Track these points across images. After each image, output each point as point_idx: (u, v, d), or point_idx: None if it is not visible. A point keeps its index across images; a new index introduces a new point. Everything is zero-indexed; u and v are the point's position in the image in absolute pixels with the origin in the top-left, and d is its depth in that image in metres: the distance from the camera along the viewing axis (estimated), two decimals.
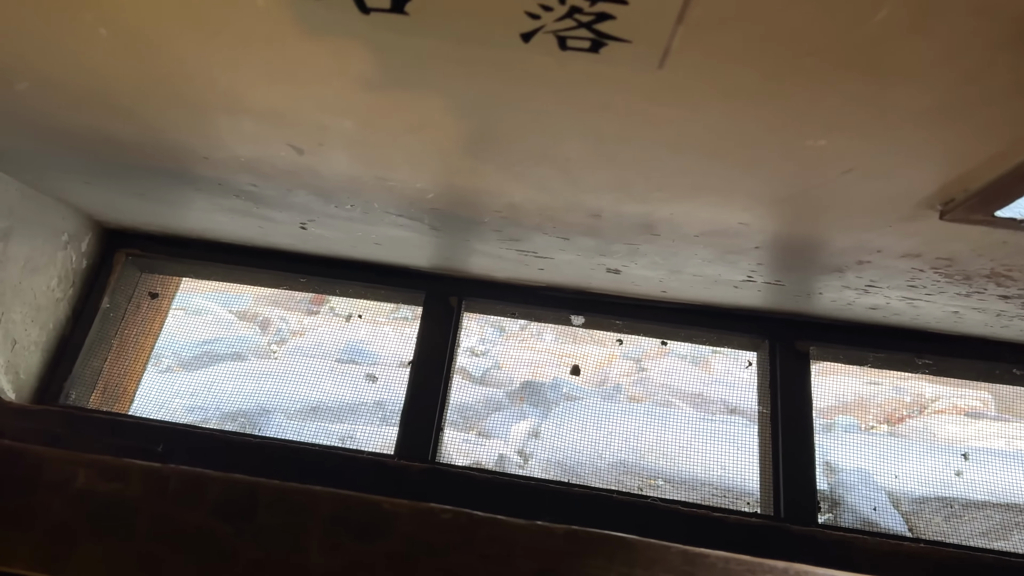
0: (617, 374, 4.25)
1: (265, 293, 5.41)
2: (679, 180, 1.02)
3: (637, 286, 1.77)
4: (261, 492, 0.83)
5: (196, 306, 4.68)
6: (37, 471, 0.84)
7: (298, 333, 4.59)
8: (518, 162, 1.04)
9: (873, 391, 4.39)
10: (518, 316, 2.07)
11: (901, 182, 0.94)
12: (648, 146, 0.93)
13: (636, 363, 4.51)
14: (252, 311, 4.94)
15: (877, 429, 4.12)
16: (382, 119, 0.97)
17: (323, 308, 5.63)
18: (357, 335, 4.41)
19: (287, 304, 5.29)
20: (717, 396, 3.79)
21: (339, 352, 4.07)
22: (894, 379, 4.69)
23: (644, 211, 1.17)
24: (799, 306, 1.78)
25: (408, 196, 1.27)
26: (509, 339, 5.01)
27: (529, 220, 1.32)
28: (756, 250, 1.31)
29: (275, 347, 4.34)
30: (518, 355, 4.58)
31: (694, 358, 4.74)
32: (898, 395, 4.37)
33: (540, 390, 3.69)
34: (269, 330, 4.59)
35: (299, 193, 1.37)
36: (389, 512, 0.83)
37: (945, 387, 4.50)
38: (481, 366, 4.18)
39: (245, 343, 4.14)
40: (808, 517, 1.75)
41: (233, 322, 4.60)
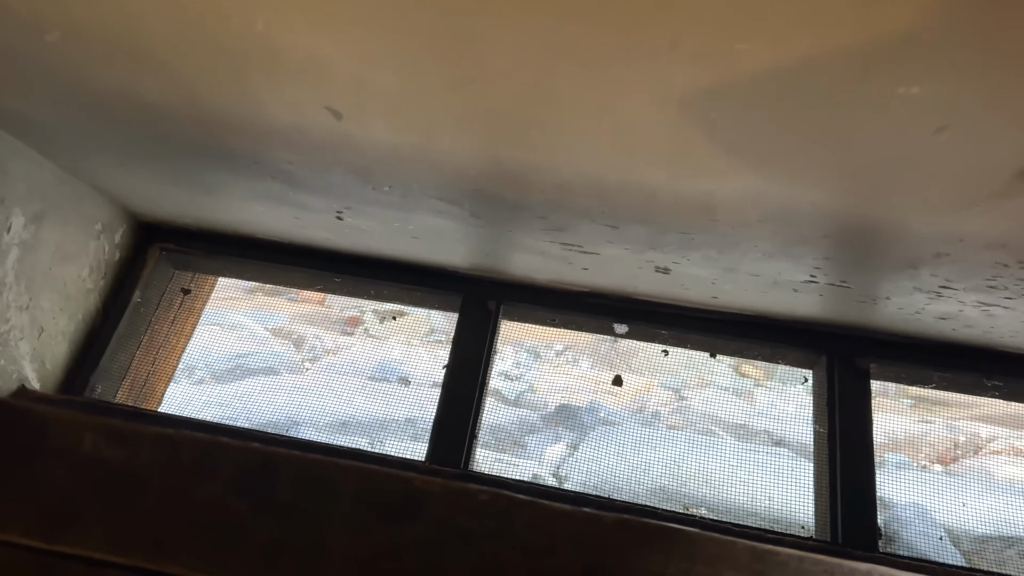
0: (655, 403, 4.12)
1: (300, 311, 5.39)
2: (749, 144, 0.93)
3: (687, 289, 1.67)
4: (281, 465, 0.75)
5: (231, 322, 4.66)
6: (41, 434, 0.77)
7: (331, 352, 4.54)
8: (571, 123, 0.96)
9: (925, 429, 4.19)
10: (558, 324, 1.98)
11: (1000, 147, 0.84)
12: (718, 97, 0.85)
13: (675, 392, 4.37)
14: (287, 329, 4.92)
15: (930, 467, 3.92)
16: (426, 73, 0.91)
17: (357, 330, 5.60)
18: (390, 355, 4.35)
19: (322, 323, 5.26)
20: (761, 427, 3.64)
21: (372, 370, 4.01)
22: (947, 418, 4.48)
23: (705, 188, 1.09)
24: (860, 317, 1.67)
25: (449, 173, 1.20)
26: (544, 364, 4.90)
27: (578, 203, 1.24)
28: (824, 240, 1.21)
29: (308, 364, 4.29)
30: (553, 379, 4.47)
31: (736, 390, 4.58)
32: (951, 434, 4.17)
33: (576, 414, 3.57)
34: (303, 347, 4.56)
35: (336, 172, 1.30)
36: (421, 491, 0.74)
37: (1002, 427, 4.28)
38: (515, 389, 4.08)
39: (279, 359, 4.10)
40: (867, 544, 1.62)
41: (268, 338, 4.58)
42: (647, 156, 1.02)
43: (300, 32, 0.88)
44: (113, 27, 0.95)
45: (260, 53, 0.94)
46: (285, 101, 1.06)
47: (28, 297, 1.62)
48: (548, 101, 0.92)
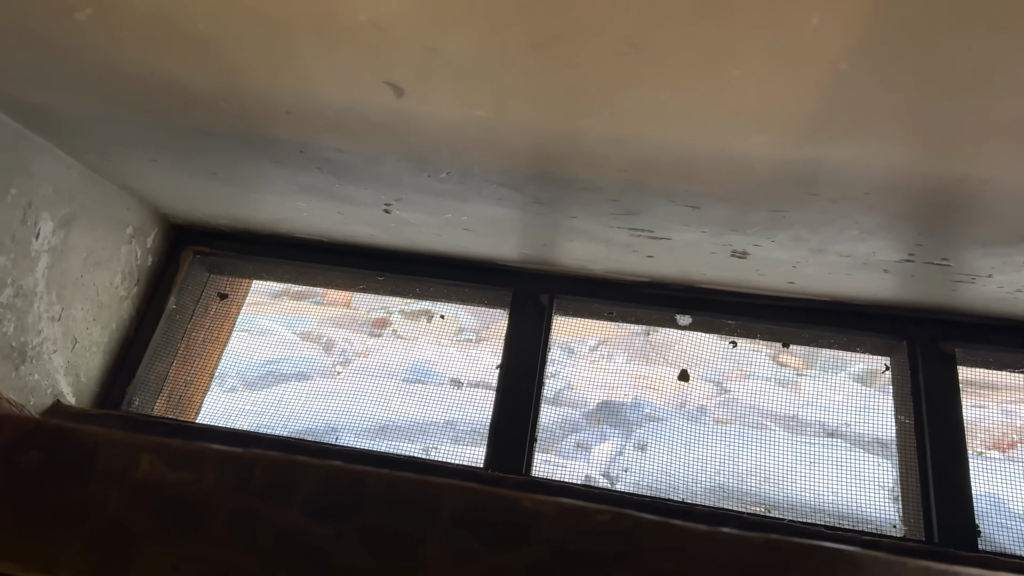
0: (699, 396, 3.99)
1: (327, 314, 5.31)
2: (878, 100, 0.81)
3: (762, 276, 1.55)
4: (368, 485, 0.65)
5: (260, 327, 4.58)
6: (90, 457, 0.67)
7: (362, 354, 4.46)
8: (670, 83, 0.85)
9: (979, 414, 4.03)
10: (615, 317, 1.87)
11: None
12: (855, 43, 0.73)
13: (717, 385, 4.24)
14: (316, 332, 4.83)
15: (987, 454, 3.76)
16: (506, 32, 0.79)
17: (386, 331, 5.51)
18: (422, 355, 4.25)
19: (350, 326, 5.18)
20: (813, 418, 3.50)
21: (405, 372, 3.91)
22: (1000, 402, 4.32)
23: (812, 156, 0.97)
24: (948, 299, 1.54)
25: (517, 153, 1.09)
26: (578, 360, 4.79)
27: (658, 181, 1.12)
28: (934, 212, 1.08)
29: (340, 368, 4.21)
30: (590, 376, 4.36)
31: (779, 379, 4.44)
32: (1008, 419, 4.00)
33: (620, 411, 3.45)
34: (333, 351, 4.47)
35: (390, 159, 1.19)
36: (530, 512, 0.63)
37: None
38: (553, 387, 3.96)
39: (310, 363, 4.01)
40: (967, 543, 1.49)
41: (297, 343, 4.49)
42: (751, 120, 0.90)
43: None
44: (153, 1, 0.84)
45: (311, 20, 0.83)
46: (339, 77, 0.95)
47: (60, 307, 1.53)
48: (646, 57, 0.80)
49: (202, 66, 0.98)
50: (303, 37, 0.88)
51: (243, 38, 0.90)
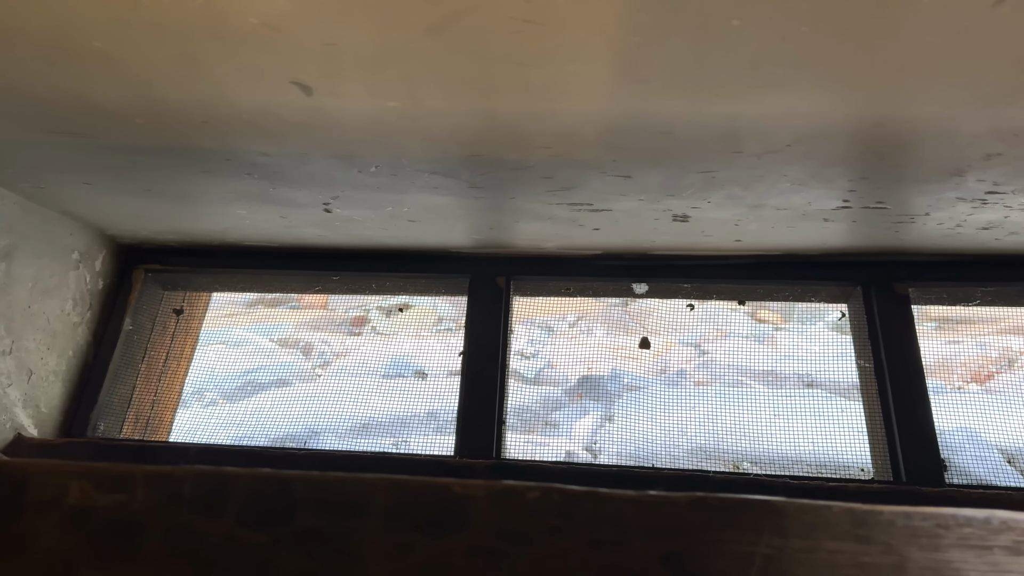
0: (678, 360, 4.01)
1: (304, 318, 5.29)
2: (778, 51, 0.82)
3: (708, 236, 1.56)
4: (298, 489, 0.65)
5: (236, 338, 4.56)
6: (21, 489, 0.67)
7: (341, 354, 4.44)
8: (572, 53, 0.84)
9: (955, 350, 4.09)
10: (573, 292, 1.87)
11: None
12: (742, 2, 0.73)
13: (696, 348, 4.27)
14: (293, 337, 4.81)
15: (966, 388, 3.82)
16: (402, 15, 0.79)
17: (365, 329, 5.50)
18: (401, 349, 4.24)
19: (328, 328, 5.16)
20: (790, 371, 3.53)
21: (384, 368, 3.90)
22: (975, 335, 4.38)
23: (728, 113, 0.97)
24: (895, 240, 1.56)
25: (440, 139, 1.08)
26: (558, 338, 4.80)
27: (585, 153, 1.12)
28: (861, 157, 1.09)
29: (319, 370, 4.19)
30: (570, 352, 4.37)
31: (757, 336, 4.48)
32: (982, 351, 4.06)
33: (599, 383, 3.47)
34: (312, 354, 4.45)
35: (316, 158, 1.19)
36: (462, 496, 0.64)
37: None
38: (533, 367, 3.98)
39: (288, 369, 4.00)
40: (935, 478, 1.52)
41: (275, 350, 4.47)
42: (661, 84, 0.90)
43: None
44: (43, 21, 0.83)
45: (206, 25, 0.82)
46: (245, 81, 0.94)
47: (10, 340, 1.51)
48: (545, 31, 0.80)
49: (109, 83, 0.97)
50: (201, 44, 0.86)
51: (143, 51, 0.88)
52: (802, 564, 0.63)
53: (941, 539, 0.64)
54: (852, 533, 0.64)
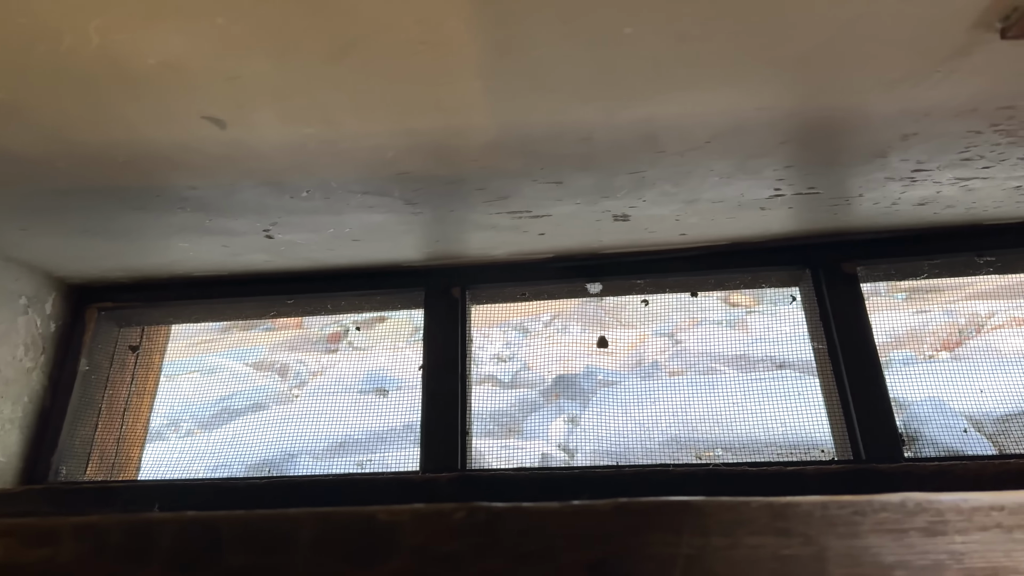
0: (652, 352, 4.04)
1: (279, 339, 5.26)
2: (677, 54, 0.83)
3: (652, 233, 1.57)
4: (223, 529, 0.65)
5: (209, 365, 4.53)
6: None
7: (317, 373, 4.42)
8: (479, 70, 0.85)
9: (924, 320, 4.14)
10: (529, 297, 1.88)
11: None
12: (631, 8, 0.74)
13: (670, 338, 4.30)
14: (269, 360, 4.79)
15: (936, 357, 3.87)
16: (299, 46, 0.79)
17: (341, 345, 5.48)
18: (377, 362, 4.23)
19: (304, 347, 5.14)
20: (762, 354, 3.56)
21: (361, 384, 3.89)
22: (943, 303, 4.44)
23: (643, 116, 0.98)
24: (837, 222, 1.57)
25: (365, 160, 1.09)
26: (534, 338, 4.81)
27: (512, 163, 1.13)
28: (782, 147, 1.10)
29: (296, 391, 4.17)
30: (546, 352, 4.38)
31: (729, 321, 4.51)
32: (951, 319, 4.12)
33: (574, 382, 3.48)
34: (288, 375, 4.43)
35: (245, 187, 1.18)
36: (387, 524, 0.64)
37: (999, 301, 4.24)
38: (509, 370, 3.98)
39: (264, 392, 3.98)
40: (893, 453, 1.54)
41: (250, 374, 4.45)
42: (570, 92, 0.91)
43: (139, 33, 0.76)
44: None
45: (105, 70, 0.82)
46: (157, 119, 0.94)
47: None
48: (442, 48, 0.80)
49: (20, 131, 0.96)
50: (105, 89, 0.86)
51: (46, 99, 0.88)
52: (723, 561, 0.64)
53: (859, 526, 0.65)
54: (772, 526, 0.65)
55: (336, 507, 0.67)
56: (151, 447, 3.51)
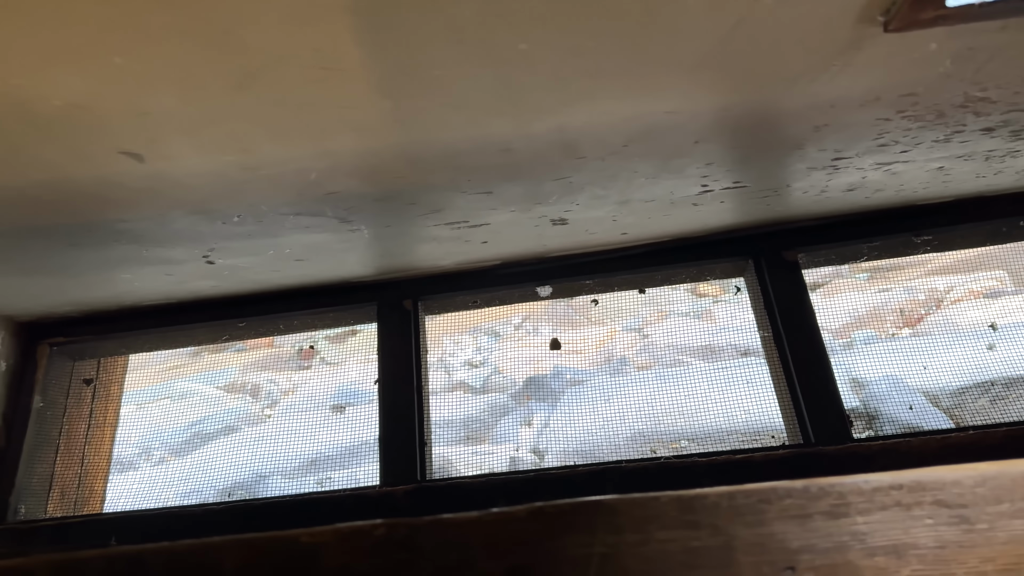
0: (621, 348, 4.07)
1: (250, 359, 5.23)
2: (576, 67, 0.85)
3: (593, 234, 1.59)
4: (149, 561, 0.66)
5: (180, 391, 4.50)
6: None
7: (289, 391, 4.41)
8: (383, 94, 0.86)
9: (885, 298, 4.21)
10: (481, 304, 1.89)
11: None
12: (521, 28, 0.76)
13: (638, 332, 4.34)
14: (240, 381, 4.76)
15: (899, 334, 3.94)
16: (202, 79, 0.80)
17: (314, 361, 5.47)
18: (348, 377, 4.23)
19: (275, 366, 5.12)
20: (726, 342, 3.61)
21: (332, 399, 3.89)
22: (903, 281, 4.52)
23: (556, 126, 1.00)
24: (774, 212, 1.61)
25: (290, 184, 1.10)
26: (505, 342, 4.83)
27: (438, 177, 1.14)
28: (697, 146, 1.13)
29: (268, 411, 4.16)
30: (516, 355, 4.40)
31: (697, 312, 4.56)
32: (911, 295, 4.20)
33: (544, 383, 3.51)
34: (260, 395, 4.41)
35: (176, 217, 1.19)
36: (309, 546, 0.65)
37: (956, 275, 4.32)
38: (481, 375, 4.00)
39: (235, 415, 3.96)
40: (841, 435, 1.57)
41: (221, 397, 4.42)
42: (480, 108, 0.92)
43: (38, 77, 0.76)
44: None
45: (12, 114, 0.82)
46: (75, 158, 0.95)
47: None
48: (345, 73, 0.82)
49: None
50: (16, 132, 0.87)
51: None
52: (636, 557, 0.66)
53: (764, 513, 0.67)
54: (681, 520, 0.67)
55: (259, 532, 0.68)
56: (123, 478, 3.49)
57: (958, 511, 0.66)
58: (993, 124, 1.19)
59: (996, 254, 2.21)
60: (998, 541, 0.65)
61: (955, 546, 0.65)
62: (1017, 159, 1.42)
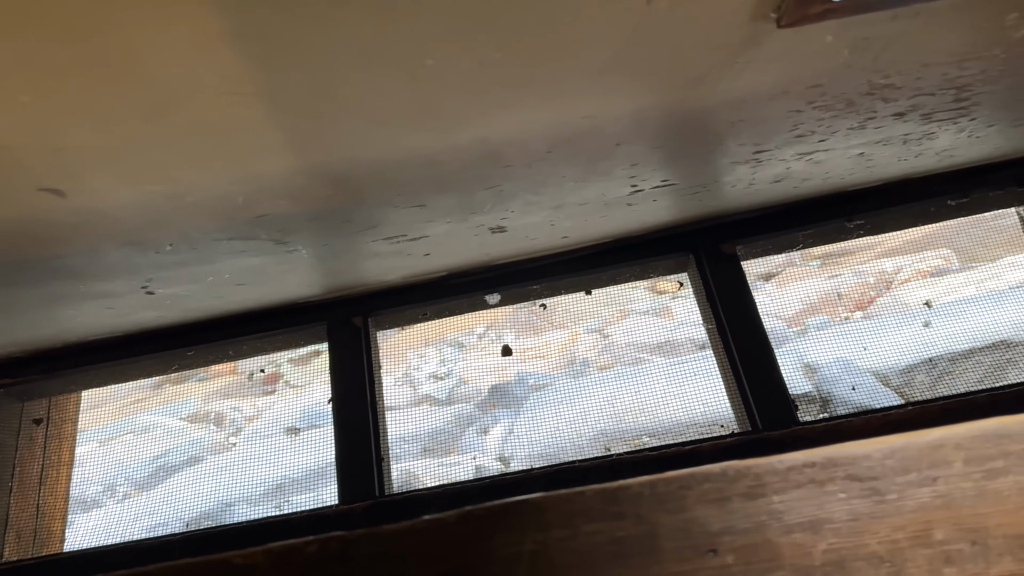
0: (583, 349, 4.10)
1: (213, 388, 5.18)
2: (487, 79, 0.87)
3: (534, 240, 1.62)
4: None
5: (142, 424, 4.43)
6: None
7: (253, 418, 4.37)
8: (299, 114, 0.88)
9: (836, 283, 4.30)
10: (431, 316, 1.91)
11: None
12: (424, 45, 0.78)
13: (599, 333, 4.37)
14: (203, 411, 4.71)
15: (851, 318, 4.03)
16: (112, 111, 0.81)
17: (278, 385, 5.42)
18: (313, 398, 4.20)
19: (239, 393, 5.07)
20: (684, 337, 3.66)
21: (296, 422, 3.86)
22: (853, 265, 4.62)
23: (477, 136, 1.02)
24: (709, 207, 1.65)
25: (219, 209, 1.10)
26: (469, 352, 4.84)
27: (367, 193, 1.16)
28: (619, 148, 1.16)
29: (232, 439, 4.11)
30: (480, 364, 4.41)
31: (656, 310, 4.61)
32: (860, 279, 4.29)
33: (507, 390, 3.52)
34: (224, 424, 4.36)
35: (108, 250, 1.19)
36: (243, 567, 0.66)
37: (904, 256, 4.43)
38: (445, 387, 4.00)
39: (200, 445, 3.91)
40: (787, 420, 1.61)
41: (185, 428, 4.37)
42: (400, 123, 0.94)
43: None
44: None
45: None
46: None
47: None
48: (258, 97, 0.83)
49: None
50: None
51: None
52: (565, 551, 0.68)
53: (685, 500, 0.69)
54: (607, 511, 0.69)
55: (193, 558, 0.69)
56: (87, 517, 3.42)
57: (869, 483, 0.69)
58: (903, 109, 1.23)
59: (941, 232, 2.26)
60: (907, 510, 0.68)
61: (867, 517, 0.68)
62: (934, 141, 1.47)
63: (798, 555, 0.67)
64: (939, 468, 0.69)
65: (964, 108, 1.29)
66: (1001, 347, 2.45)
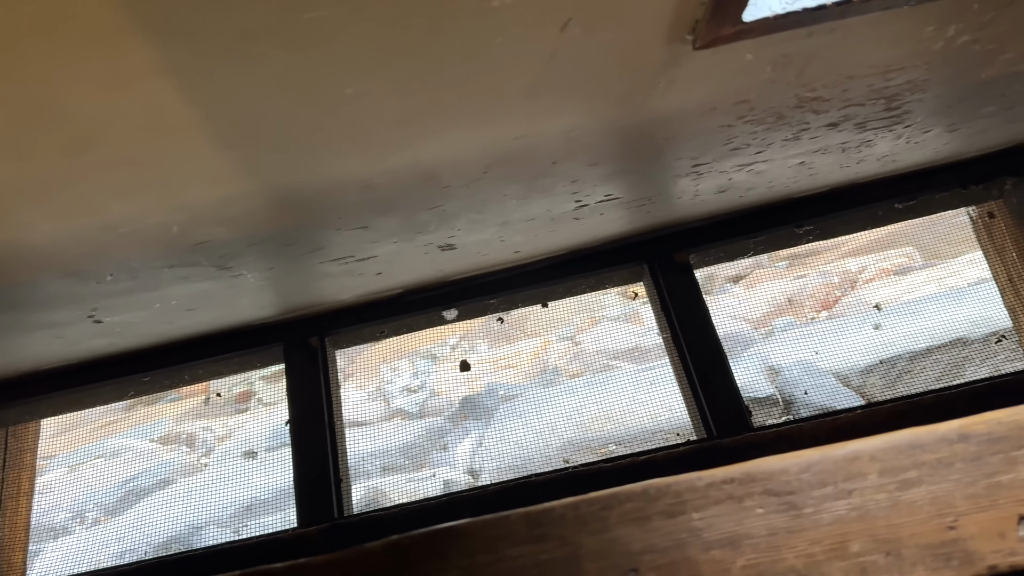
0: (554, 358, 4.11)
1: (185, 408, 5.13)
2: (410, 106, 0.88)
3: (486, 256, 1.62)
4: None
5: (112, 448, 4.38)
6: None
7: (224, 437, 4.33)
8: (226, 145, 0.88)
9: (802, 285, 4.35)
10: (388, 334, 1.91)
11: (632, 20, 0.81)
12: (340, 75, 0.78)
13: (571, 340, 4.39)
14: (175, 432, 4.66)
15: (817, 318, 4.07)
16: (37, 148, 0.80)
17: (251, 403, 5.38)
18: (284, 417, 4.17)
19: (211, 412, 5.02)
20: (652, 343, 3.68)
21: (267, 441, 3.83)
22: (818, 266, 4.67)
23: (408, 160, 1.02)
24: (659, 218, 1.66)
25: (155, 238, 1.10)
26: (442, 363, 4.83)
27: (308, 219, 1.16)
28: (556, 166, 1.17)
29: (204, 459, 4.07)
30: (453, 376, 4.41)
31: (626, 316, 4.63)
32: (825, 280, 4.34)
33: (478, 402, 3.52)
34: (196, 444, 4.32)
35: (48, 281, 1.18)
36: None
37: (868, 255, 4.49)
38: (417, 400, 3.99)
39: (170, 467, 3.87)
40: (740, 426, 1.63)
41: (155, 450, 4.32)
42: (330, 149, 0.95)
43: None
44: None
45: None
46: None
47: None
48: (181, 129, 0.83)
49: None
50: None
51: None
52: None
53: (607, 520, 0.70)
54: (530, 535, 0.70)
55: None
56: (55, 545, 3.37)
57: (786, 498, 0.70)
58: (835, 119, 1.26)
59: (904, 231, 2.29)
60: (824, 523, 0.69)
61: (785, 532, 0.69)
62: (873, 148, 1.50)
63: (717, 571, 0.68)
64: (854, 480, 0.70)
65: (897, 116, 1.32)
66: (958, 344, 2.49)
